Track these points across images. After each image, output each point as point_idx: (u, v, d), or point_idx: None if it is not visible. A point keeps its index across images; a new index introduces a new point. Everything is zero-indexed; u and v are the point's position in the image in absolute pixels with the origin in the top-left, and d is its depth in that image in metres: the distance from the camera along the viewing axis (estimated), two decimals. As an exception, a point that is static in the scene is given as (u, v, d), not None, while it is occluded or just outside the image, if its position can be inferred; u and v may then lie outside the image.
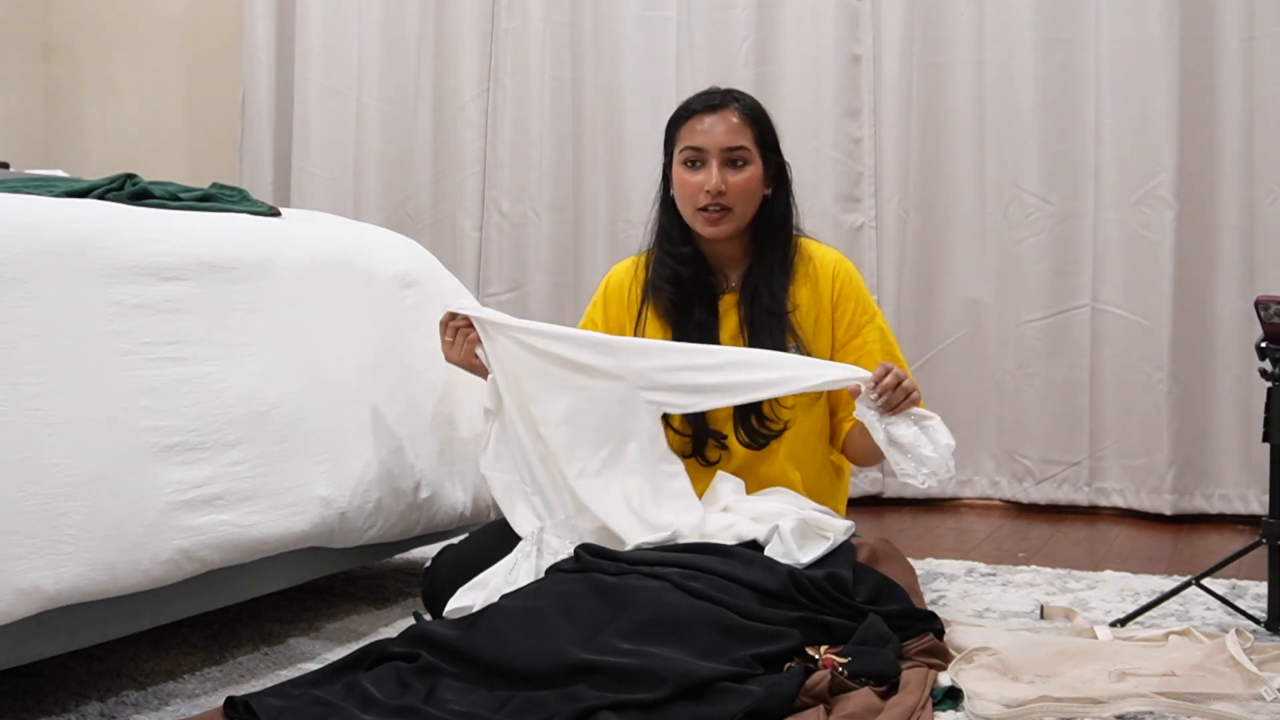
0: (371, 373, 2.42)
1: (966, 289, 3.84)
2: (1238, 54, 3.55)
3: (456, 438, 2.60)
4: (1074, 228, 3.71)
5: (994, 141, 3.78)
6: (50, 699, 1.97)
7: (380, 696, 1.80)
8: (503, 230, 4.23)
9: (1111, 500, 3.70)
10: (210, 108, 4.73)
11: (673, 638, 1.89)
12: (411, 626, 2.04)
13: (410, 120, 4.33)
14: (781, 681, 1.81)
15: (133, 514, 1.87)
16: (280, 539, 2.14)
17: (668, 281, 2.49)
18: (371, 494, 2.34)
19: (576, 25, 4.15)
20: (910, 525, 3.57)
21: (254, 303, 2.20)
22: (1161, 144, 3.59)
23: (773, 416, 2.42)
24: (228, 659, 2.21)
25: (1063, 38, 3.70)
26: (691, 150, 2.43)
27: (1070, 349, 3.72)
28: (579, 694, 1.76)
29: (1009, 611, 2.52)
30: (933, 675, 1.95)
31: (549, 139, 4.16)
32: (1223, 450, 3.60)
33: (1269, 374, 2.31)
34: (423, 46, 4.32)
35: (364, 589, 2.74)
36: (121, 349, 1.93)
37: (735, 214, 2.43)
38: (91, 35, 4.88)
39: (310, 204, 4.27)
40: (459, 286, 2.83)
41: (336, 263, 2.46)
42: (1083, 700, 1.85)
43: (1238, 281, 3.57)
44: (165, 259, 2.05)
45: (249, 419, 2.10)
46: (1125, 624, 2.36)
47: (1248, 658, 2.00)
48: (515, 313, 4.12)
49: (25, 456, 1.74)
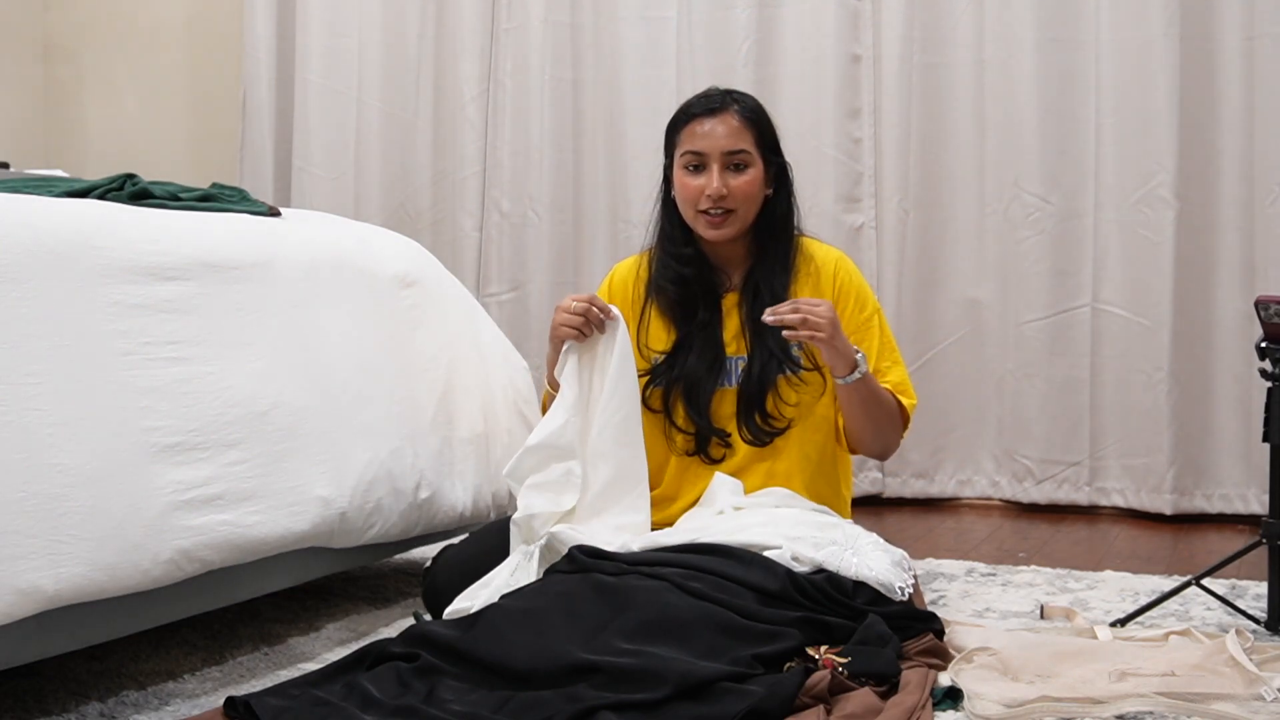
0: (371, 373, 2.42)
1: (966, 289, 3.84)
2: (1238, 54, 3.55)
3: (456, 438, 2.60)
4: (1074, 228, 3.71)
5: (994, 141, 3.78)
6: (50, 699, 1.97)
7: (380, 696, 1.80)
8: (503, 230, 4.23)
9: (1111, 500, 3.70)
10: (210, 108, 4.73)
11: (673, 638, 1.89)
12: (411, 626, 2.04)
13: (410, 120, 4.33)
14: (781, 681, 1.81)
15: (132, 514, 1.87)
16: (280, 539, 2.14)
17: (670, 282, 2.49)
18: (371, 494, 2.34)
19: (576, 25, 4.16)
20: (910, 525, 3.57)
21: (254, 303, 2.20)
22: (1161, 144, 3.59)
23: (777, 414, 2.42)
24: (228, 659, 2.21)
25: (1063, 38, 3.70)
26: (692, 154, 2.43)
27: (1070, 349, 3.72)
28: (579, 694, 1.76)
29: (1009, 611, 2.52)
30: (933, 675, 1.95)
31: (549, 139, 4.16)
32: (1223, 450, 3.60)
33: (1269, 374, 2.31)
34: (423, 46, 4.32)
35: (364, 589, 2.74)
36: (121, 349, 1.93)
37: (737, 216, 2.43)
38: (91, 35, 4.89)
39: (310, 204, 4.27)
40: (459, 287, 2.83)
41: (336, 263, 2.46)
42: (1083, 700, 1.85)
43: (1238, 281, 3.57)
44: (165, 259, 2.05)
45: (249, 419, 2.10)
46: (1125, 624, 2.36)
47: (1248, 658, 2.00)
48: (515, 312, 4.16)
49: (25, 456, 1.74)
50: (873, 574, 2.13)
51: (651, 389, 2.48)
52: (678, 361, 2.47)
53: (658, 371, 2.48)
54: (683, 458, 2.47)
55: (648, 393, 2.48)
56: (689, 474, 2.47)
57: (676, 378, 2.46)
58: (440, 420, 2.56)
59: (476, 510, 2.64)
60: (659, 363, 2.49)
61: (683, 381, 2.45)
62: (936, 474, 3.88)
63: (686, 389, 2.45)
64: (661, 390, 2.47)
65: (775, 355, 2.42)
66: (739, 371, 2.45)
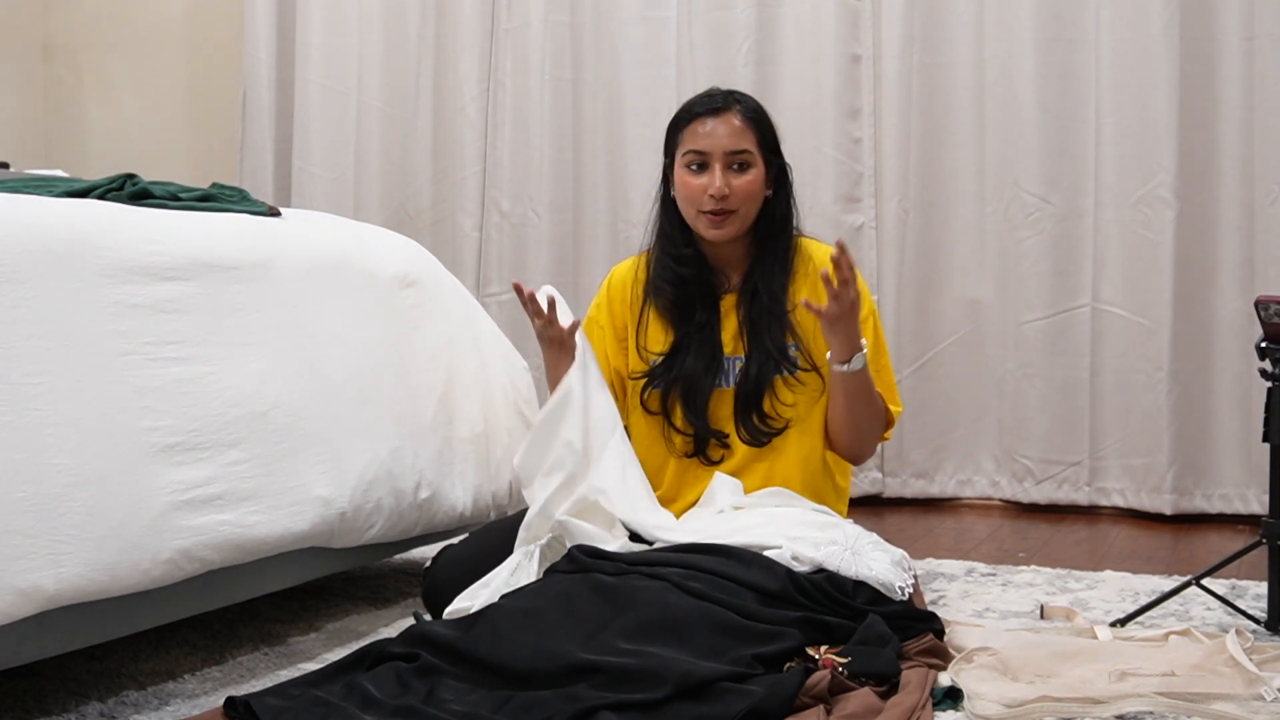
0: (371, 373, 2.42)
1: (966, 289, 3.84)
2: (1238, 54, 3.55)
3: (456, 438, 2.60)
4: (1074, 228, 3.71)
5: (994, 141, 3.78)
6: (50, 699, 1.97)
7: (380, 696, 1.80)
8: (503, 230, 4.23)
9: (1111, 500, 3.70)
10: (211, 108, 4.73)
11: (673, 638, 1.89)
12: (411, 626, 2.04)
13: (410, 120, 4.33)
14: (781, 681, 1.81)
15: (132, 514, 1.87)
16: (280, 539, 2.14)
17: (669, 283, 2.49)
18: (371, 494, 2.34)
19: (576, 25, 4.16)
20: (910, 525, 3.57)
21: (254, 303, 2.20)
22: (1161, 144, 3.59)
23: (774, 414, 2.42)
24: (228, 659, 2.21)
25: (1063, 38, 3.70)
26: (694, 153, 2.43)
27: (1070, 349, 3.72)
28: (579, 694, 1.76)
29: (1009, 611, 2.52)
30: (933, 675, 1.95)
31: (549, 139, 4.16)
32: (1223, 450, 3.60)
33: (1269, 374, 2.31)
34: (423, 46, 4.32)
35: (364, 589, 2.74)
36: (121, 349, 1.93)
37: (738, 216, 2.43)
38: (91, 35, 4.88)
39: (310, 204, 4.27)
40: (459, 286, 2.83)
41: (336, 263, 2.46)
42: (1083, 700, 1.85)
43: (1238, 281, 3.57)
44: (165, 259, 2.05)
45: (249, 419, 2.10)
46: (1125, 624, 2.36)
47: (1248, 658, 2.00)
48: (515, 312, 4.15)
49: (25, 456, 1.74)
50: (873, 574, 2.13)
51: (650, 391, 2.48)
52: (675, 363, 2.46)
53: (656, 373, 2.48)
54: (681, 459, 2.47)
55: (646, 394, 2.48)
56: (688, 475, 2.47)
57: (674, 379, 2.46)
58: (440, 420, 2.56)
59: (476, 510, 2.64)
60: (657, 364, 2.48)
61: (681, 383, 2.45)
62: (936, 474, 3.88)
63: (684, 390, 2.45)
64: (660, 392, 2.47)
65: (772, 356, 2.42)
66: (736, 372, 2.45)
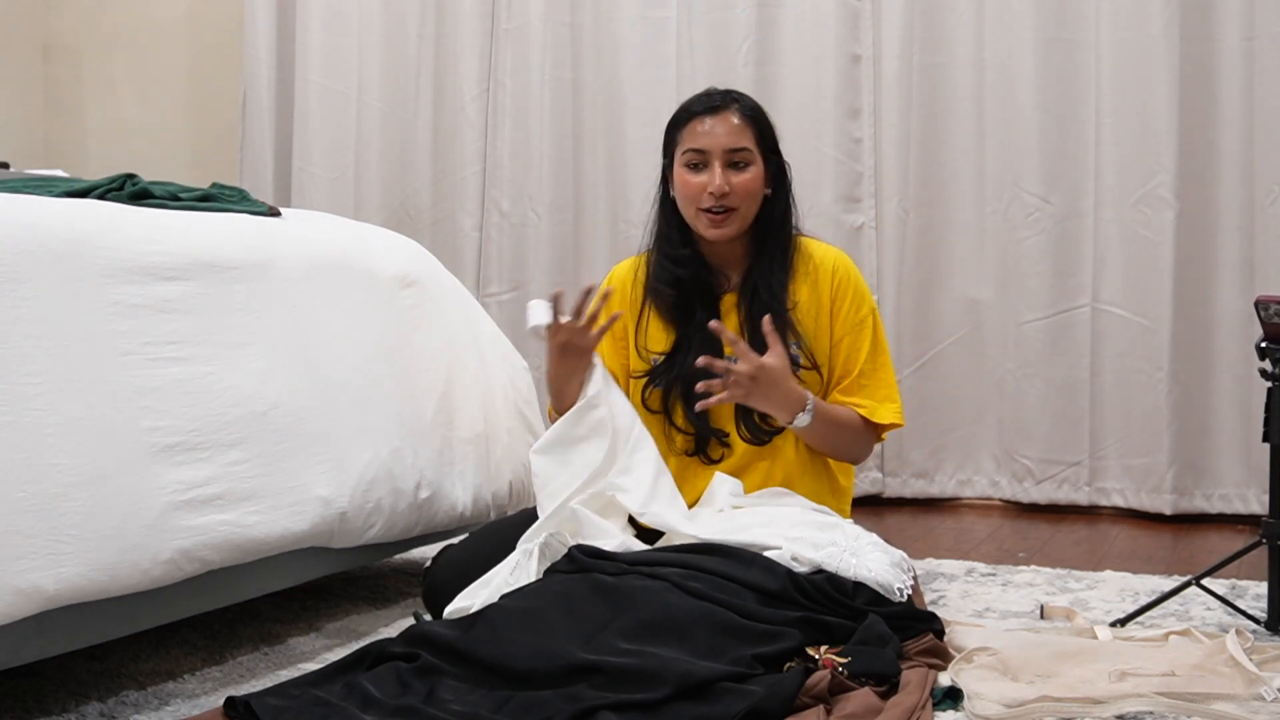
0: (371, 373, 2.42)
1: (966, 289, 3.84)
2: (1238, 54, 3.55)
3: (456, 438, 2.60)
4: (1074, 228, 3.71)
5: (994, 141, 3.78)
6: (50, 699, 1.97)
7: (380, 696, 1.80)
8: (503, 230, 4.23)
9: (1111, 500, 3.70)
10: (211, 107, 4.73)
11: (673, 638, 1.89)
12: (411, 626, 2.04)
13: (410, 120, 4.33)
14: (781, 681, 1.81)
15: (132, 514, 1.87)
16: (280, 539, 2.14)
17: (667, 284, 2.49)
18: (371, 494, 2.34)
19: (576, 25, 4.16)
20: (910, 525, 3.57)
21: (254, 303, 2.20)
22: (1161, 144, 3.59)
23: (774, 413, 2.42)
24: (228, 659, 2.21)
25: (1063, 38, 3.70)
26: (694, 152, 2.43)
27: (1070, 349, 3.72)
28: (579, 694, 1.76)
29: (1009, 611, 2.52)
30: (933, 675, 1.95)
31: (549, 139, 4.16)
32: (1223, 450, 3.60)
33: (1269, 374, 2.31)
34: (423, 46, 4.32)
35: (364, 589, 2.74)
36: (121, 349, 1.93)
37: (738, 215, 2.44)
38: (91, 35, 4.88)
39: (310, 204, 4.27)
40: (459, 286, 2.83)
41: (336, 263, 2.46)
42: (1083, 700, 1.85)
43: (1238, 281, 3.57)
44: (165, 259, 2.05)
45: (249, 419, 2.10)
46: (1125, 624, 2.36)
47: (1248, 658, 2.00)
48: (515, 312, 4.15)
49: (25, 456, 1.74)
50: (872, 575, 2.13)
51: (651, 390, 2.48)
52: (676, 362, 2.47)
53: (657, 372, 2.48)
54: (682, 458, 2.47)
55: (647, 393, 2.48)
56: (688, 474, 2.47)
57: (675, 378, 2.46)
58: (440, 420, 2.56)
59: (476, 510, 2.64)
60: (658, 364, 2.49)
61: (681, 381, 2.45)
62: (936, 474, 3.88)
63: (685, 389, 2.45)
64: (661, 391, 2.47)
65: (773, 354, 2.42)
66: (737, 371, 2.45)
